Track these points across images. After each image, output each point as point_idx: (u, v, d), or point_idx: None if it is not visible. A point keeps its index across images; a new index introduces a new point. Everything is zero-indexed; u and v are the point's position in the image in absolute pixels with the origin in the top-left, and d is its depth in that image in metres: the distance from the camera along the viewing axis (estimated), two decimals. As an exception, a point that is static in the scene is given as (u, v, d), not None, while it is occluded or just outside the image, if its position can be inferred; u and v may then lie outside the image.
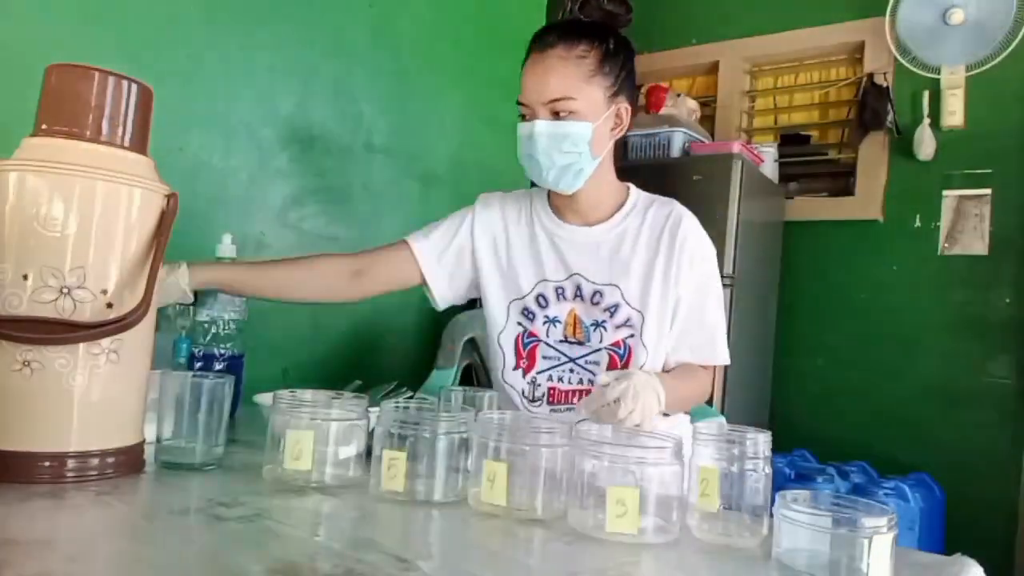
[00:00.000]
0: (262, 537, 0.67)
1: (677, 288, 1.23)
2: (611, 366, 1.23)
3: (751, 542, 0.75)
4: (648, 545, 0.72)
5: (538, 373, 1.26)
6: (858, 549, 0.61)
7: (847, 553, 0.61)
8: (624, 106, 1.23)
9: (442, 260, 1.32)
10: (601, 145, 1.21)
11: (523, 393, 1.27)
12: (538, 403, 1.26)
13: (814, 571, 0.62)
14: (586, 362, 1.25)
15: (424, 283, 1.33)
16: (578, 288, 1.26)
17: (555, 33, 1.19)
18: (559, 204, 1.30)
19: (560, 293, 1.27)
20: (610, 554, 0.69)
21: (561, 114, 1.16)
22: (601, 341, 1.24)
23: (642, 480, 0.73)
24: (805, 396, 2.51)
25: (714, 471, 0.77)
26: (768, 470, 0.78)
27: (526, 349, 1.28)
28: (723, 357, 1.27)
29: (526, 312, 1.28)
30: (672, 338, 1.24)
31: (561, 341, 1.26)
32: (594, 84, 1.18)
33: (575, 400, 1.23)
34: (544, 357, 1.27)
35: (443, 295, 1.33)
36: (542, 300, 1.28)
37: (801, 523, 0.63)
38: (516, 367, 1.28)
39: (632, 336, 1.22)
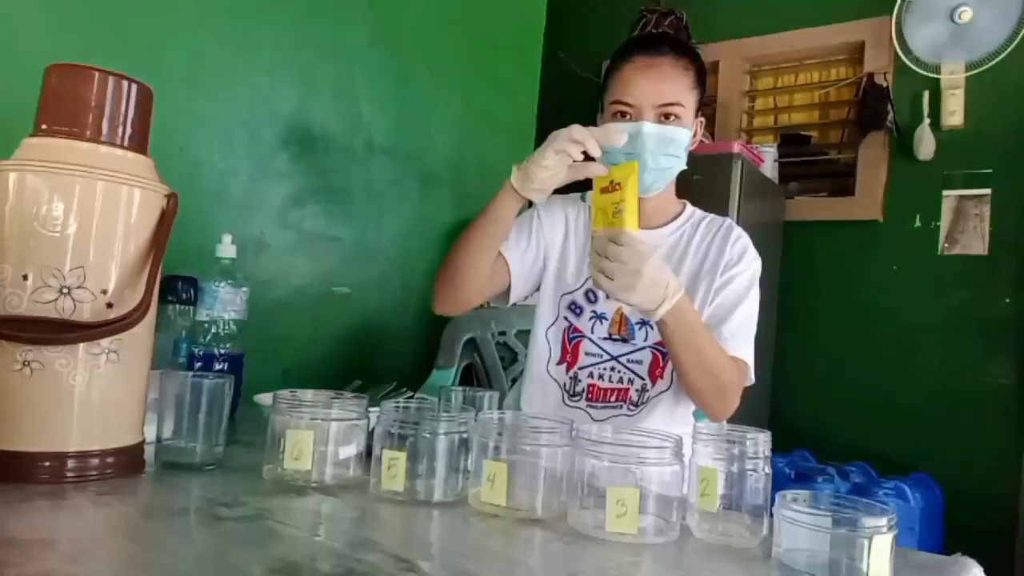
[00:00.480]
0: (262, 537, 0.67)
1: (720, 281, 1.24)
2: (654, 365, 1.25)
3: (751, 542, 0.75)
4: (648, 545, 0.72)
5: (579, 369, 1.28)
6: (858, 549, 0.61)
7: (847, 553, 0.61)
8: (701, 120, 1.32)
9: (525, 260, 1.32)
10: (688, 153, 1.26)
11: (564, 387, 1.29)
12: (577, 398, 1.27)
13: (814, 571, 0.62)
14: (628, 360, 1.26)
15: (509, 286, 1.32)
16: None
17: (665, 44, 1.25)
18: None
19: None
20: (610, 554, 0.69)
21: (670, 118, 1.20)
22: (646, 339, 1.25)
23: (642, 480, 0.73)
24: (805, 396, 2.51)
25: (714, 471, 0.77)
26: (768, 470, 0.78)
27: (571, 344, 1.30)
28: (744, 352, 1.22)
29: (573, 306, 1.30)
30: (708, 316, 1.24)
31: (605, 338, 1.28)
32: (692, 96, 1.25)
33: (613, 399, 1.25)
34: (587, 353, 1.28)
35: (519, 293, 1.33)
36: (591, 295, 1.29)
37: (801, 523, 0.63)
38: (561, 361, 1.30)
39: None
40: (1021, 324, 2.21)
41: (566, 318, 1.31)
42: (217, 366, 1.21)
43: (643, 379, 1.25)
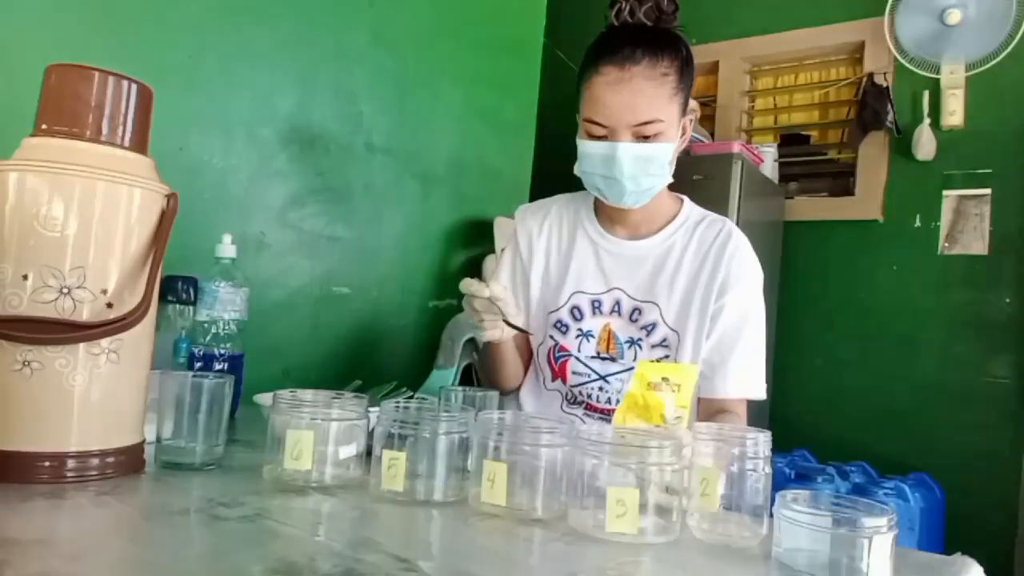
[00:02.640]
0: (262, 537, 0.67)
1: (715, 307, 1.17)
2: None
3: (751, 542, 0.75)
4: (648, 545, 0.72)
5: (571, 388, 1.24)
6: (858, 549, 0.61)
7: (847, 553, 0.61)
8: (689, 118, 1.19)
9: (520, 303, 1.29)
10: (673, 164, 1.17)
11: (564, 395, 1.26)
12: (576, 407, 1.25)
13: (814, 571, 0.62)
14: (617, 380, 1.21)
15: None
16: (617, 303, 1.22)
17: (636, 46, 1.10)
18: (609, 215, 1.27)
19: (596, 306, 1.23)
20: (610, 554, 0.69)
21: (647, 136, 1.11)
22: (635, 359, 1.20)
23: (642, 480, 0.73)
24: (805, 396, 2.51)
25: (714, 471, 0.77)
26: (768, 470, 0.78)
27: (558, 363, 1.25)
28: (758, 391, 1.19)
29: (559, 324, 1.25)
30: (703, 364, 1.17)
31: (593, 357, 1.22)
32: (675, 103, 1.13)
33: (609, 417, 1.19)
34: (574, 372, 1.23)
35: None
36: (576, 312, 1.24)
37: (801, 523, 0.63)
38: (555, 378, 1.26)
39: (667, 356, 1.19)
40: (1021, 324, 2.21)
41: (552, 336, 1.25)
42: (217, 366, 1.21)
43: None
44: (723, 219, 1.25)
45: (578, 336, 1.23)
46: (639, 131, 1.10)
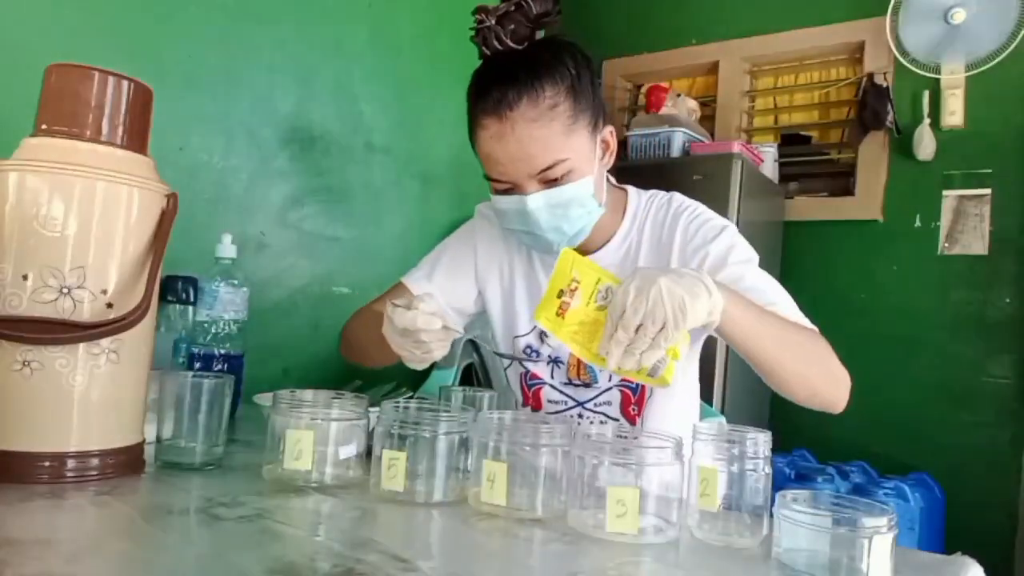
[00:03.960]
0: (262, 537, 0.67)
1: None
2: (625, 403, 1.10)
3: (751, 542, 0.75)
4: (648, 545, 0.72)
5: (548, 415, 1.15)
6: (858, 549, 0.61)
7: (847, 553, 0.61)
8: (609, 130, 1.05)
9: (451, 298, 1.18)
10: (601, 188, 1.05)
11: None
12: None
13: (814, 571, 0.62)
14: (595, 405, 1.12)
15: None
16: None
17: (507, 85, 0.95)
18: None
19: None
20: (610, 554, 0.69)
21: (556, 179, 0.97)
22: (610, 379, 1.11)
23: (642, 480, 0.73)
24: (805, 396, 2.51)
25: (714, 471, 0.77)
26: (768, 470, 0.78)
27: (531, 391, 1.17)
28: (800, 315, 1.02)
29: (528, 350, 1.15)
30: None
31: (566, 384, 1.14)
32: (577, 131, 0.97)
33: None
34: (549, 400, 1.15)
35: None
36: (543, 335, 1.14)
37: (801, 523, 0.63)
38: (525, 403, 1.18)
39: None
40: (1021, 324, 2.21)
41: (522, 363, 1.16)
42: (217, 366, 1.21)
43: (617, 420, 1.12)
44: (668, 196, 1.14)
45: (549, 363, 1.14)
46: (544, 177, 0.97)
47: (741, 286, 0.97)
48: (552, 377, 1.15)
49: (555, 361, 1.15)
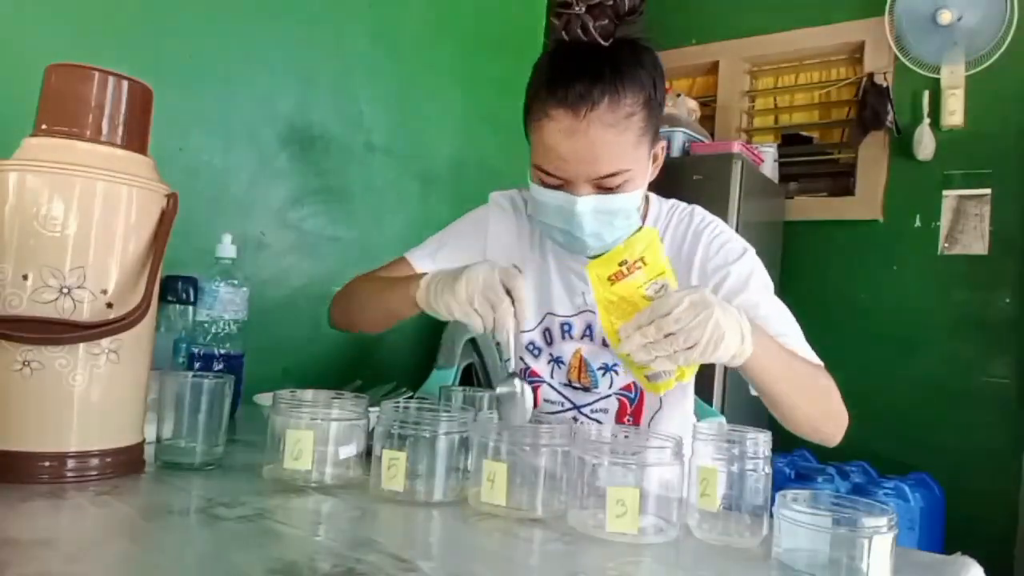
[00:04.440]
0: (262, 537, 0.67)
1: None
2: (621, 413, 1.08)
3: (751, 542, 0.75)
4: (648, 545, 0.72)
5: (542, 414, 1.13)
6: (858, 549, 0.61)
7: (847, 553, 0.61)
8: (661, 144, 1.03)
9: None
10: (643, 200, 1.05)
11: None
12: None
13: (814, 571, 0.62)
14: (591, 411, 1.11)
15: None
16: (588, 327, 1.11)
17: (593, 82, 0.91)
18: None
19: (566, 330, 1.13)
20: (610, 554, 0.69)
21: (611, 188, 0.95)
22: (611, 387, 1.10)
23: (642, 480, 0.73)
24: (805, 396, 2.51)
25: (714, 471, 0.77)
26: (768, 470, 0.78)
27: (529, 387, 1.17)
28: (807, 348, 1.03)
29: (531, 347, 1.14)
30: None
31: (565, 385, 1.13)
32: (644, 143, 0.96)
33: None
34: (547, 400, 1.14)
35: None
36: (548, 336, 1.14)
37: (801, 523, 0.63)
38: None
39: None
40: (1021, 324, 2.21)
41: (522, 359, 1.14)
42: (217, 366, 1.21)
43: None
44: (691, 210, 1.12)
45: (550, 362, 1.14)
46: (601, 183, 0.95)
47: (756, 313, 0.98)
48: (552, 377, 1.15)
49: (556, 360, 1.15)
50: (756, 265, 1.07)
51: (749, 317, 0.87)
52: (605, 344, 1.10)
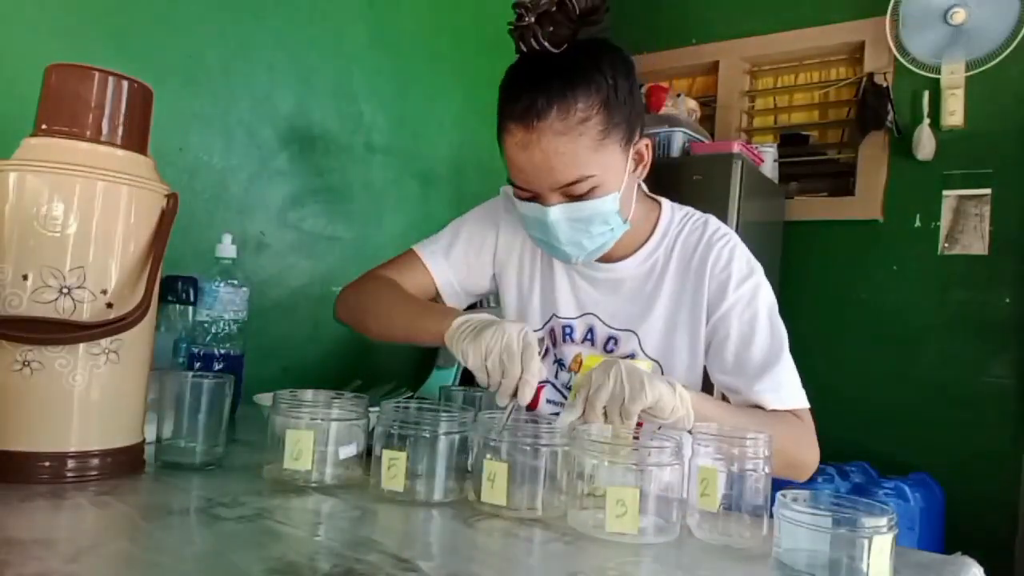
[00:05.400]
0: (262, 537, 0.67)
1: (708, 329, 1.04)
2: None
3: (751, 542, 0.75)
4: (648, 545, 0.72)
5: (543, 415, 1.12)
6: (858, 549, 0.61)
7: (847, 553, 0.61)
8: (644, 143, 1.01)
9: (461, 284, 1.17)
10: (629, 202, 1.02)
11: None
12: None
13: (814, 571, 0.62)
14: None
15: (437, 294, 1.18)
16: (590, 330, 1.10)
17: (538, 92, 0.90)
18: None
19: (568, 333, 1.12)
20: (610, 554, 0.69)
21: (580, 195, 0.94)
22: None
23: (642, 480, 0.73)
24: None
25: (714, 471, 0.77)
26: (768, 470, 0.78)
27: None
28: (794, 399, 1.00)
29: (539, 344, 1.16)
30: (731, 377, 1.03)
31: (567, 386, 1.12)
32: (607, 146, 0.93)
33: None
34: (548, 400, 1.14)
35: (459, 306, 1.19)
36: (552, 337, 1.14)
37: (801, 523, 0.63)
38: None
39: None
40: (1021, 324, 2.21)
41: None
42: (217, 366, 1.21)
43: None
44: (706, 219, 1.11)
45: (555, 362, 1.14)
46: (568, 191, 0.94)
47: (753, 336, 1.02)
48: (556, 377, 1.15)
49: (559, 363, 1.15)
50: (759, 290, 1.06)
51: (741, 345, 0.97)
52: (607, 350, 1.10)
